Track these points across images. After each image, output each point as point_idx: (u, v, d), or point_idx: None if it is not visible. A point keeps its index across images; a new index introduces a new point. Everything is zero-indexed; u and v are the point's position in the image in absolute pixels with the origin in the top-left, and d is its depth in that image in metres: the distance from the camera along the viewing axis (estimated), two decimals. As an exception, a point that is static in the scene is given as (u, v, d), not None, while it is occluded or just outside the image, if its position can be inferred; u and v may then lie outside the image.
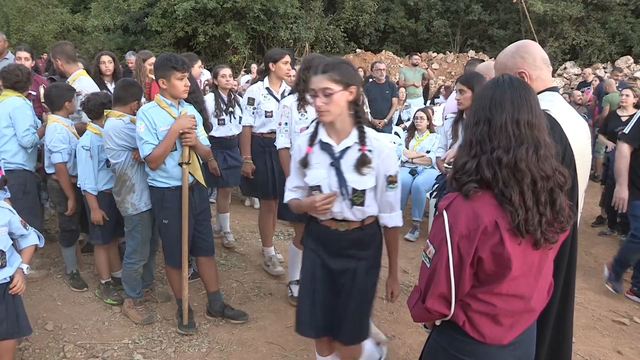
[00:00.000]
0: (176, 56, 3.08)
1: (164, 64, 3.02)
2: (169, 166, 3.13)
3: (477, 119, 1.53)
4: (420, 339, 3.40)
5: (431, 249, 1.53)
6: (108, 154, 3.36)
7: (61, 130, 3.72)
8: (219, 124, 4.65)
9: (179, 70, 3.01)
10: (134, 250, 3.46)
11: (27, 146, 3.77)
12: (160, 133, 3.05)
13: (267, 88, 4.14)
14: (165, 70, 3.02)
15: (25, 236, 2.73)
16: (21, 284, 2.63)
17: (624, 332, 3.76)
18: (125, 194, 3.36)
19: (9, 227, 2.61)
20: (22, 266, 2.68)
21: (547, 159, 1.49)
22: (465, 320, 1.55)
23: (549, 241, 1.50)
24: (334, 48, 21.42)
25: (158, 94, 3.15)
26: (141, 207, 3.38)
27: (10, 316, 2.61)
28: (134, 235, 3.44)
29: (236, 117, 4.75)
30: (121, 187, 3.36)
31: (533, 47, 2.20)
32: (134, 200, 3.36)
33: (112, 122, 3.30)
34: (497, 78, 1.59)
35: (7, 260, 2.59)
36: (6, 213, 2.60)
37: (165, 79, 3.03)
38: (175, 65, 3.00)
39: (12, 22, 18.54)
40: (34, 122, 3.85)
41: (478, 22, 21.15)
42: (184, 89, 3.09)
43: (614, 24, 18.50)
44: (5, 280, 2.58)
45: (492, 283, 1.51)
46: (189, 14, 17.96)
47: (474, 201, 1.47)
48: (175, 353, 3.20)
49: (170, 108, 3.12)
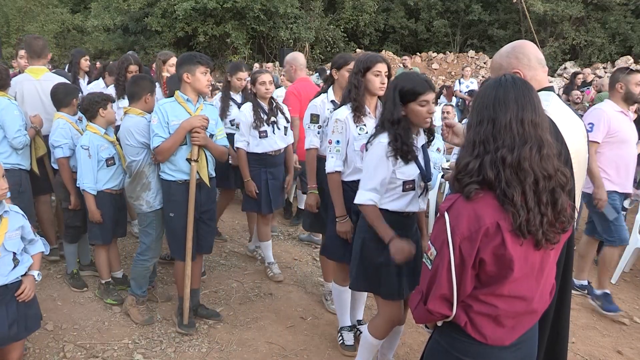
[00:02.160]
0: (200, 54, 3.24)
1: (189, 59, 3.17)
2: (178, 160, 3.19)
3: (481, 119, 1.52)
4: (420, 339, 3.40)
5: (433, 251, 1.53)
6: (127, 150, 3.36)
7: (64, 126, 3.74)
8: (260, 136, 4.04)
9: (204, 64, 3.16)
10: (147, 247, 3.47)
11: (18, 147, 3.74)
12: (171, 127, 3.13)
13: (332, 101, 3.46)
14: (190, 64, 3.15)
15: (33, 242, 2.73)
16: (28, 291, 2.61)
17: (624, 332, 3.76)
18: (141, 192, 3.36)
19: (22, 232, 2.62)
20: (33, 273, 2.67)
21: (549, 158, 1.48)
22: (467, 321, 1.54)
23: (551, 242, 1.50)
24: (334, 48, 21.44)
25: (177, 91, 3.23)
26: (156, 205, 3.39)
27: (20, 318, 2.59)
28: (149, 232, 3.45)
29: (280, 128, 4.13)
30: (137, 184, 3.36)
31: (528, 47, 2.20)
32: (149, 198, 3.37)
33: (133, 119, 3.32)
34: (499, 77, 1.58)
35: (19, 260, 2.59)
36: (19, 218, 2.61)
37: (190, 72, 3.15)
38: (201, 60, 3.16)
39: (12, 22, 18.56)
40: (23, 122, 3.80)
41: (478, 22, 21.18)
42: (206, 83, 3.21)
43: (614, 24, 18.52)
44: (17, 279, 2.57)
45: (493, 284, 1.50)
46: (189, 14, 17.98)
47: (475, 202, 1.47)
48: (175, 353, 3.20)
49: (187, 103, 3.20)
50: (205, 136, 3.19)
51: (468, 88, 10.31)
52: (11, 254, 2.52)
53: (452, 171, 1.59)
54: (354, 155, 2.94)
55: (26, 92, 4.12)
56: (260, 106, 4.07)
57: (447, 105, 7.14)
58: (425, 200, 2.67)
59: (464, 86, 10.50)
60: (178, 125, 3.12)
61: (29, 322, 2.66)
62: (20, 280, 2.59)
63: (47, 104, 4.06)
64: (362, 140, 2.83)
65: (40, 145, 4.01)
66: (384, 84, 2.87)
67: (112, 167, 3.59)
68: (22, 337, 2.66)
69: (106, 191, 3.59)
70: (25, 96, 4.11)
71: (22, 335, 2.65)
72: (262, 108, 4.07)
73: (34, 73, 4.20)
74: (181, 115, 3.17)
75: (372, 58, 2.89)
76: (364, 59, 2.90)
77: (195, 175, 3.20)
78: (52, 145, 3.73)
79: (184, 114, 3.17)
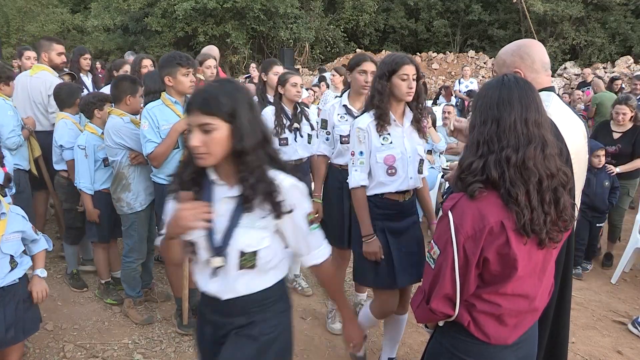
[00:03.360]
0: (180, 53, 3.14)
1: (168, 62, 3.09)
2: (171, 163, 3.14)
3: (485, 119, 1.52)
4: (420, 339, 3.40)
5: (436, 250, 1.52)
6: (107, 151, 3.38)
7: (72, 127, 3.75)
8: (280, 144, 3.61)
9: (184, 66, 3.07)
10: (131, 248, 3.46)
11: (11, 148, 3.72)
12: (162, 131, 3.08)
13: (344, 106, 3.22)
14: (170, 67, 3.08)
15: (36, 241, 2.71)
16: (40, 293, 2.63)
17: (624, 332, 3.76)
18: (121, 193, 3.36)
19: (23, 234, 2.60)
20: (37, 272, 2.67)
21: (552, 157, 1.48)
22: (470, 320, 1.54)
23: (554, 240, 1.50)
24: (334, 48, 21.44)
25: (164, 93, 3.19)
26: (136, 207, 3.38)
27: (18, 321, 2.57)
28: (131, 233, 3.44)
29: (304, 136, 3.72)
30: (117, 185, 3.36)
31: (535, 49, 2.13)
32: (129, 199, 3.36)
33: (112, 120, 3.32)
34: (501, 77, 1.57)
35: (18, 263, 2.56)
36: (19, 220, 2.59)
37: (171, 75, 3.09)
38: (180, 61, 3.06)
39: (12, 22, 18.55)
40: (18, 122, 3.79)
41: (478, 22, 21.17)
42: (189, 85, 3.13)
43: (614, 24, 18.52)
44: (15, 282, 2.55)
45: (497, 283, 1.50)
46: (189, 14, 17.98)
47: (479, 201, 1.46)
48: (175, 353, 3.19)
49: (175, 106, 3.16)
50: None
51: (467, 88, 10.30)
52: (8, 257, 2.50)
53: (454, 171, 1.58)
54: (377, 168, 2.64)
55: (19, 87, 4.19)
56: (284, 110, 3.66)
57: (448, 105, 7.14)
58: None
59: (464, 86, 10.50)
60: (169, 129, 3.06)
61: (27, 325, 2.63)
62: (17, 283, 2.55)
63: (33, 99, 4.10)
64: (386, 151, 2.60)
65: (35, 146, 4.01)
66: (412, 89, 2.57)
67: (109, 167, 3.57)
68: (19, 340, 2.63)
69: (103, 191, 3.58)
70: (19, 91, 4.17)
71: (20, 338, 2.62)
72: (286, 113, 3.66)
73: (32, 70, 4.24)
74: (171, 118, 3.11)
75: (398, 60, 2.56)
76: (389, 61, 2.57)
77: None
78: (62, 147, 3.73)
79: (173, 117, 3.12)
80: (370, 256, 2.65)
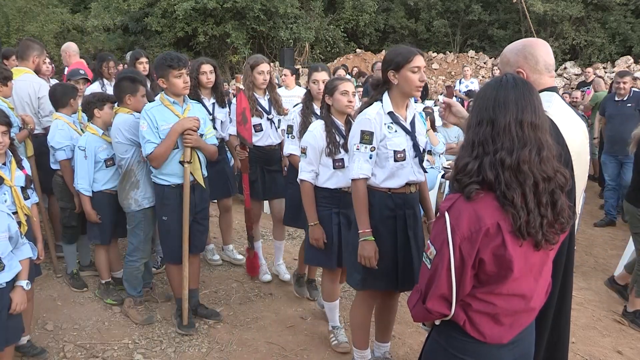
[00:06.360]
0: (171, 54, 3.15)
1: (160, 64, 3.11)
2: (170, 164, 3.16)
3: (480, 119, 1.52)
4: (420, 339, 3.40)
5: (432, 250, 1.53)
6: (115, 149, 3.37)
7: (62, 127, 3.74)
8: (335, 167, 3.06)
9: (175, 68, 3.07)
10: (135, 247, 3.47)
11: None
12: (161, 132, 3.09)
13: (390, 113, 2.60)
14: (162, 70, 3.10)
15: (19, 246, 2.62)
16: (19, 306, 2.55)
17: (624, 332, 3.76)
18: (129, 190, 3.37)
19: (9, 232, 2.52)
20: (21, 283, 2.58)
21: (548, 160, 1.48)
22: (466, 320, 1.55)
23: (550, 242, 1.50)
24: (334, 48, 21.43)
25: (162, 93, 3.19)
26: (144, 203, 3.40)
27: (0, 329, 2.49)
28: (137, 232, 3.45)
29: None
30: (126, 182, 3.38)
31: (539, 49, 2.11)
32: (137, 196, 3.38)
33: (122, 117, 3.34)
34: (500, 78, 1.58)
35: (5, 265, 2.49)
36: (5, 217, 2.52)
37: (164, 77, 3.11)
38: (171, 63, 3.06)
39: (12, 22, 18.52)
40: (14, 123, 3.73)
41: (478, 22, 21.14)
42: (183, 86, 3.14)
43: (614, 24, 18.49)
44: (2, 285, 2.49)
45: (493, 284, 1.51)
46: (189, 14, 17.97)
47: (476, 203, 1.47)
48: (175, 353, 3.20)
49: (174, 106, 3.17)
50: (197, 137, 3.17)
51: (467, 88, 10.31)
52: None
53: (452, 171, 1.59)
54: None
55: None
56: (336, 125, 3.07)
57: (446, 101, 7.14)
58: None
59: (464, 86, 10.52)
60: (168, 129, 3.07)
61: (9, 333, 2.57)
62: (4, 287, 2.49)
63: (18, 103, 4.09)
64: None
65: (29, 147, 4.00)
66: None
67: (111, 167, 3.59)
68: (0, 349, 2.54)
69: (105, 191, 3.59)
70: None
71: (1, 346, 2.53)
72: (338, 128, 3.08)
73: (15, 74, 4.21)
74: (170, 118, 3.12)
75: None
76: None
77: (189, 177, 3.18)
78: (53, 147, 3.73)
79: (172, 117, 3.13)
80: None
